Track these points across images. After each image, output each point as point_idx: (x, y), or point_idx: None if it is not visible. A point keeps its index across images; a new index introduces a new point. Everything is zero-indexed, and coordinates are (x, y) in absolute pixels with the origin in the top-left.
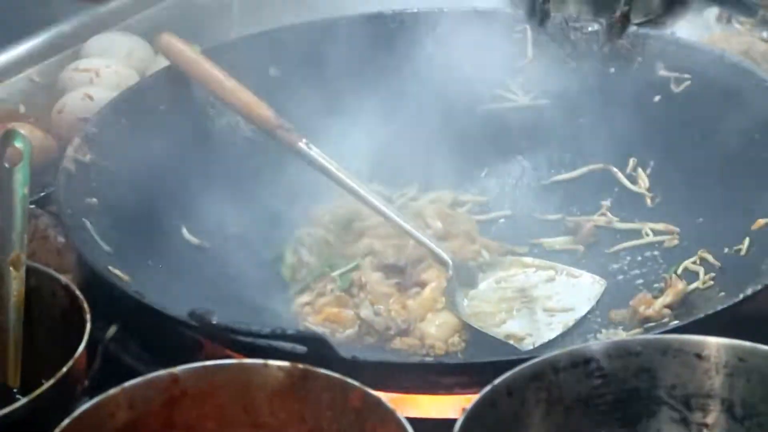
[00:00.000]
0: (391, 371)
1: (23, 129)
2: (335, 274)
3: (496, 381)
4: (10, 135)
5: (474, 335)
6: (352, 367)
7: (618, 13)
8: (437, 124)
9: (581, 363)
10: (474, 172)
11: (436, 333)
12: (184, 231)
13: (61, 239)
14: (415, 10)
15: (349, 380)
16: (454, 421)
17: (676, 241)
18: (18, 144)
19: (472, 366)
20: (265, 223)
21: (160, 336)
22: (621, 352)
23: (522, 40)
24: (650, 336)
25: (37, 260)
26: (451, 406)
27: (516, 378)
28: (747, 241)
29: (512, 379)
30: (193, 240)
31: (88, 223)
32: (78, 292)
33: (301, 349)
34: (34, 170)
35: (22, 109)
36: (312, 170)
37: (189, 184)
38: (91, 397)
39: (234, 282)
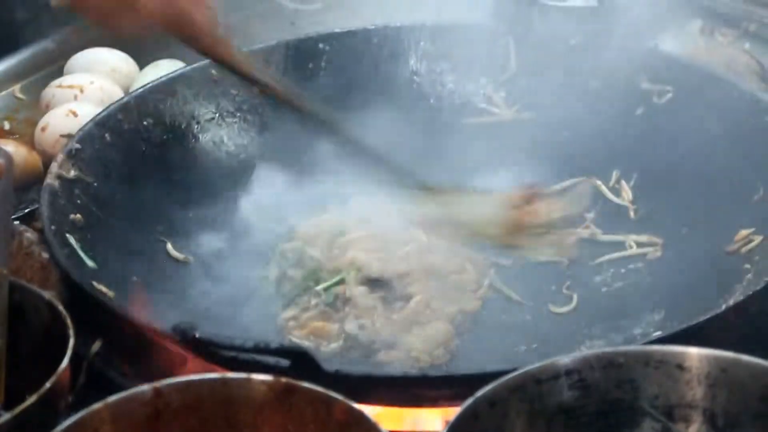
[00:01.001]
0: (375, 384)
1: (7, 146)
2: (320, 287)
3: (479, 393)
4: None
5: (458, 347)
6: (336, 380)
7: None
8: (421, 138)
9: (563, 374)
10: (458, 185)
11: (421, 346)
12: (169, 246)
13: (45, 255)
14: (398, 25)
15: (333, 394)
16: None
17: (659, 253)
18: None
19: (455, 378)
20: (249, 237)
21: (144, 351)
22: (603, 363)
23: (505, 53)
24: (632, 347)
25: (22, 276)
26: (435, 419)
27: (498, 390)
28: None
29: (495, 391)
30: (178, 255)
31: (72, 239)
32: (61, 308)
33: (284, 362)
34: (18, 187)
35: (6, 125)
36: (298, 185)
37: (173, 200)
38: (76, 412)
39: (218, 297)
